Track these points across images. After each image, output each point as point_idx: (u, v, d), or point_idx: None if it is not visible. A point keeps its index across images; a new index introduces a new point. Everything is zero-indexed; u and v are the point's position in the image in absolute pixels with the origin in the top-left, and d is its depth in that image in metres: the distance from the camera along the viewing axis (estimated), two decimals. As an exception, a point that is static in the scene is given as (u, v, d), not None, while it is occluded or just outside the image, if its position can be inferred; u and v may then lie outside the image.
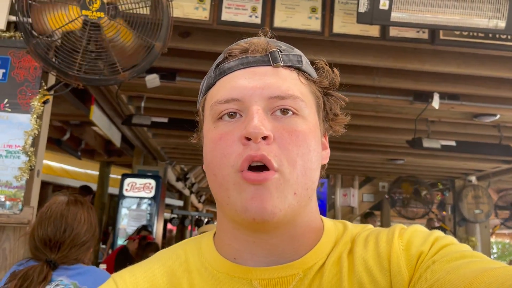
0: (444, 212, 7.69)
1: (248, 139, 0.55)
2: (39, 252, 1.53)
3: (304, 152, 0.57)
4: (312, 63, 0.68)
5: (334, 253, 0.61)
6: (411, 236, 0.59)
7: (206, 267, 0.63)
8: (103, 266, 2.07)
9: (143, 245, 4.02)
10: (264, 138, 0.55)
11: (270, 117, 0.58)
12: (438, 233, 0.60)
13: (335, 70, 0.67)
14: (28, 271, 1.44)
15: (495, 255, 16.08)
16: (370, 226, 0.68)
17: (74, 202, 1.61)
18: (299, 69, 0.63)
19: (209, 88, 0.65)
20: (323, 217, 0.68)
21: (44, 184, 6.57)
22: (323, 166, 0.65)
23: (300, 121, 0.59)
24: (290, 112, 0.58)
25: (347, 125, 0.71)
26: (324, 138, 0.67)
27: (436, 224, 7.61)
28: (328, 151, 0.68)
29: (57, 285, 1.44)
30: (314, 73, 0.66)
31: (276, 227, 0.57)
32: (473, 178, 6.89)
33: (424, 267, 0.53)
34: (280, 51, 0.62)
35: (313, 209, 0.64)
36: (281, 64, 0.61)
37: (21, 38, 2.03)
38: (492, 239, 9.91)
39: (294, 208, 0.56)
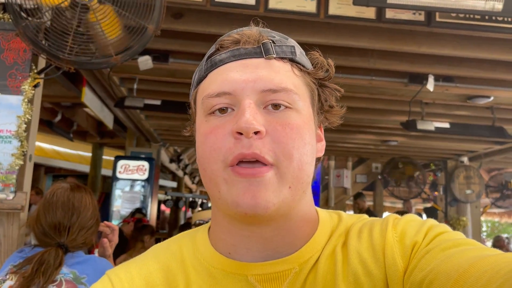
0: (436, 193, 7.77)
1: (240, 133, 0.54)
2: (48, 238, 1.53)
3: (299, 146, 0.56)
4: (307, 53, 0.66)
5: (329, 246, 0.61)
6: (404, 227, 0.59)
7: (202, 262, 0.62)
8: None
9: (139, 228, 4.04)
10: (256, 133, 0.54)
11: (263, 111, 0.57)
12: (431, 221, 0.60)
13: (330, 61, 0.66)
14: (43, 255, 1.45)
15: (485, 233, 16.43)
16: (365, 216, 0.68)
17: (77, 188, 1.65)
18: (292, 61, 0.62)
19: (200, 80, 0.64)
20: (318, 209, 0.67)
21: (36, 166, 6.54)
22: (318, 159, 0.65)
23: (294, 115, 0.57)
24: (283, 107, 0.57)
25: (341, 106, 0.70)
26: (319, 130, 0.67)
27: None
28: (323, 143, 0.68)
29: None
30: (308, 64, 0.64)
31: (269, 220, 0.57)
32: (465, 159, 6.94)
33: (419, 257, 0.53)
34: (273, 41, 0.61)
35: (308, 202, 0.63)
36: (274, 55, 0.59)
37: (10, 20, 1.98)
38: (482, 218, 10.07)
39: (288, 202, 0.56)
